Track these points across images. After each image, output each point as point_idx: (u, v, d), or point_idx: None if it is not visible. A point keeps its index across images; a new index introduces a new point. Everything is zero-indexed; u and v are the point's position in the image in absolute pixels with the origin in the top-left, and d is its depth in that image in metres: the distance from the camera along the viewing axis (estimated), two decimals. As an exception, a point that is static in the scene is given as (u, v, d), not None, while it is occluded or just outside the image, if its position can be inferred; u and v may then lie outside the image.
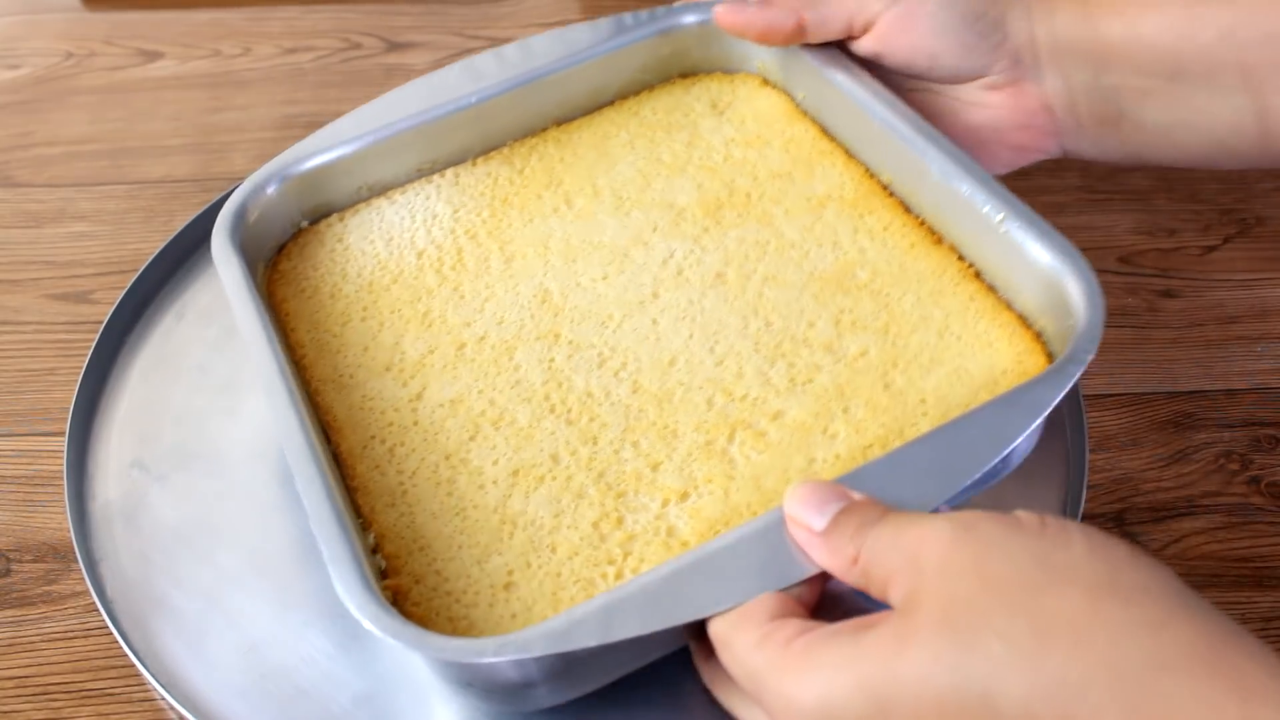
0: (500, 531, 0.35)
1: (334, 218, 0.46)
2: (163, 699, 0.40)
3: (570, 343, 0.40)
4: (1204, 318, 0.53)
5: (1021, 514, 0.29)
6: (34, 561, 0.46)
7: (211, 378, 0.49)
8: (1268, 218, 0.57)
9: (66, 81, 0.70)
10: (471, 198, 0.45)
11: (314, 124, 0.66)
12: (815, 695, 0.28)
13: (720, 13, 0.45)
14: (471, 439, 0.38)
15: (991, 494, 0.44)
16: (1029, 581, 0.27)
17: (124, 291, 0.51)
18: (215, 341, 0.50)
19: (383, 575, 0.35)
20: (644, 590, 0.31)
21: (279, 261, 0.45)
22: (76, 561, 0.43)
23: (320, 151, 0.45)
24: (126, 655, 0.41)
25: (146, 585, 0.43)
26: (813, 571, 0.31)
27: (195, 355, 0.50)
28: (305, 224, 0.46)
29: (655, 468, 0.36)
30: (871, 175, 0.44)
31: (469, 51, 0.72)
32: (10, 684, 0.43)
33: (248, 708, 0.39)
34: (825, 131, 0.46)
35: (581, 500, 0.36)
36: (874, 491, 0.32)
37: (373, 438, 0.38)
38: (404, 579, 0.35)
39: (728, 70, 0.49)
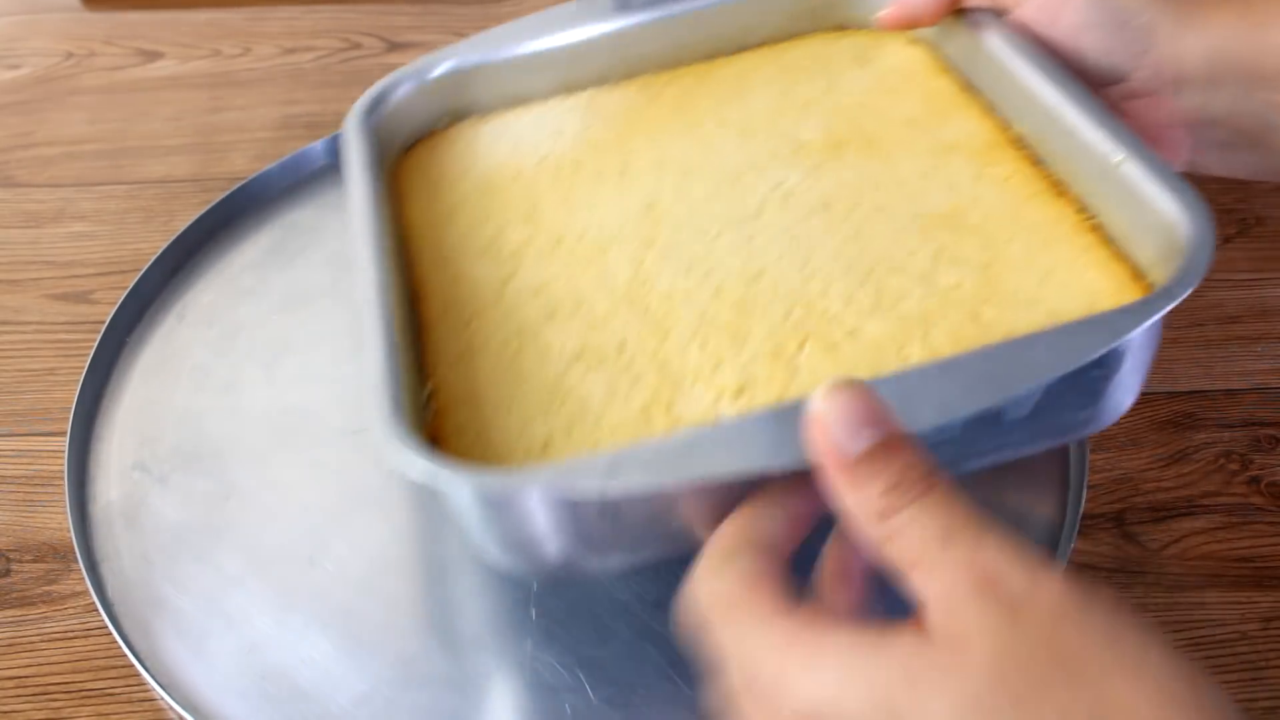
0: (551, 401, 0.36)
1: (468, 122, 0.47)
2: (162, 700, 0.40)
3: (664, 247, 0.40)
4: (1204, 318, 0.53)
5: (1102, 589, 0.27)
6: (34, 561, 0.46)
7: (213, 378, 0.49)
8: (1268, 218, 0.58)
9: (66, 81, 0.70)
10: (602, 117, 0.46)
11: (314, 124, 0.66)
12: (823, 694, 0.26)
13: (885, 19, 0.45)
14: (547, 320, 0.38)
15: (991, 493, 0.44)
16: (1101, 663, 0.25)
17: (126, 292, 0.51)
18: (216, 342, 0.50)
19: (430, 428, 0.35)
20: (658, 447, 0.31)
21: (408, 154, 0.46)
22: (76, 561, 0.43)
23: (466, 56, 0.46)
24: (126, 656, 0.41)
25: (147, 586, 0.43)
26: (827, 480, 0.29)
27: (197, 356, 0.50)
28: (440, 125, 0.47)
29: (717, 366, 0.36)
30: (1006, 128, 0.43)
31: (469, 51, 0.72)
32: (10, 684, 0.43)
33: (247, 708, 0.39)
34: (967, 86, 0.45)
35: (637, 384, 0.36)
36: (909, 393, 0.30)
37: (454, 307, 0.39)
38: (447, 425, 0.35)
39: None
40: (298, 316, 0.51)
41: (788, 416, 0.31)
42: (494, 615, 0.41)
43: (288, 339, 0.50)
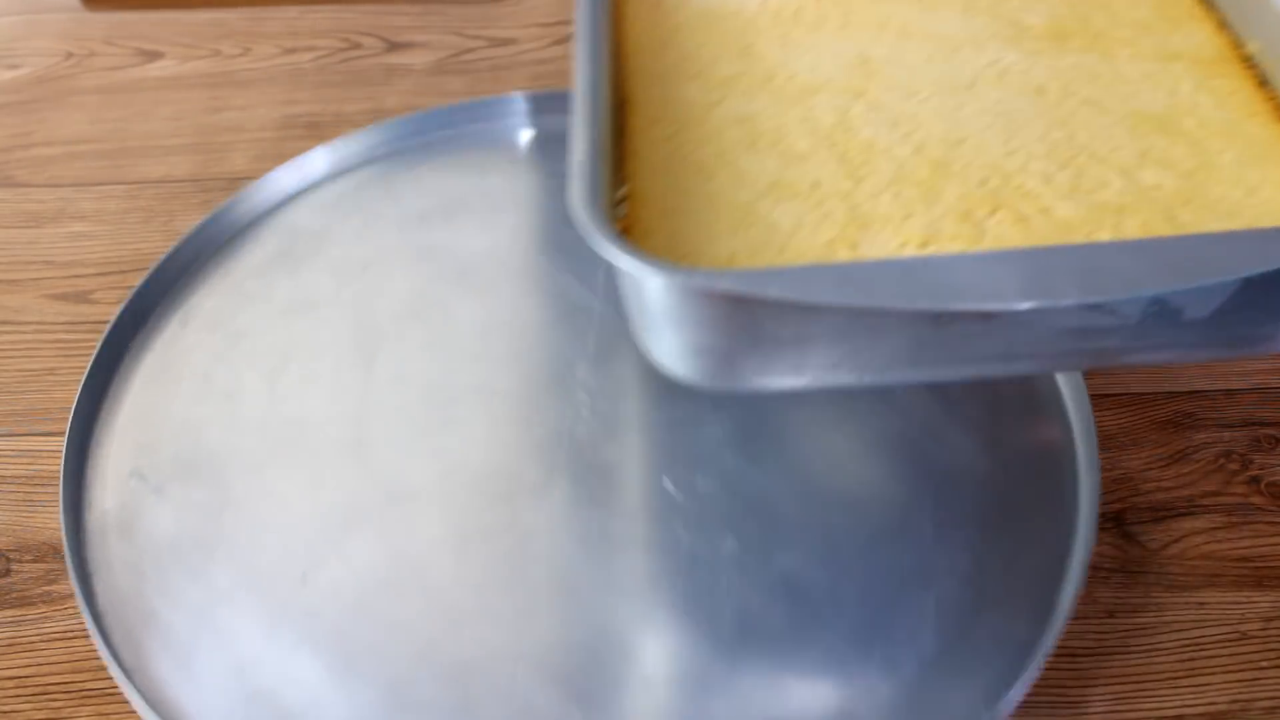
0: (740, 223, 0.36)
1: None
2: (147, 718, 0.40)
3: (871, 101, 0.41)
4: (1204, 318, 0.53)
5: None
6: (34, 561, 0.46)
7: (214, 386, 0.49)
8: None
9: (66, 81, 0.70)
10: None
11: (314, 124, 0.66)
12: None
13: None
14: (747, 149, 0.39)
15: (1001, 497, 0.44)
16: None
17: (130, 295, 0.51)
18: (219, 349, 0.50)
19: (620, 226, 0.36)
20: (851, 269, 0.32)
21: None
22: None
23: None
24: (113, 671, 0.40)
25: (138, 599, 0.42)
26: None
27: (199, 363, 0.50)
28: None
29: (907, 217, 0.36)
30: (1237, 46, 0.43)
31: (469, 51, 0.72)
32: (10, 684, 0.43)
33: None
34: (1206, 2, 0.45)
35: (825, 221, 0.36)
36: (1099, 263, 0.31)
37: (660, 122, 0.40)
38: (636, 228, 0.36)
39: None
40: (301, 324, 0.51)
41: (981, 263, 0.31)
42: (485, 642, 0.41)
43: (290, 347, 0.50)
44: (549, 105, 0.61)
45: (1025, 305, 0.30)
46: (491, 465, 0.46)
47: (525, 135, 0.61)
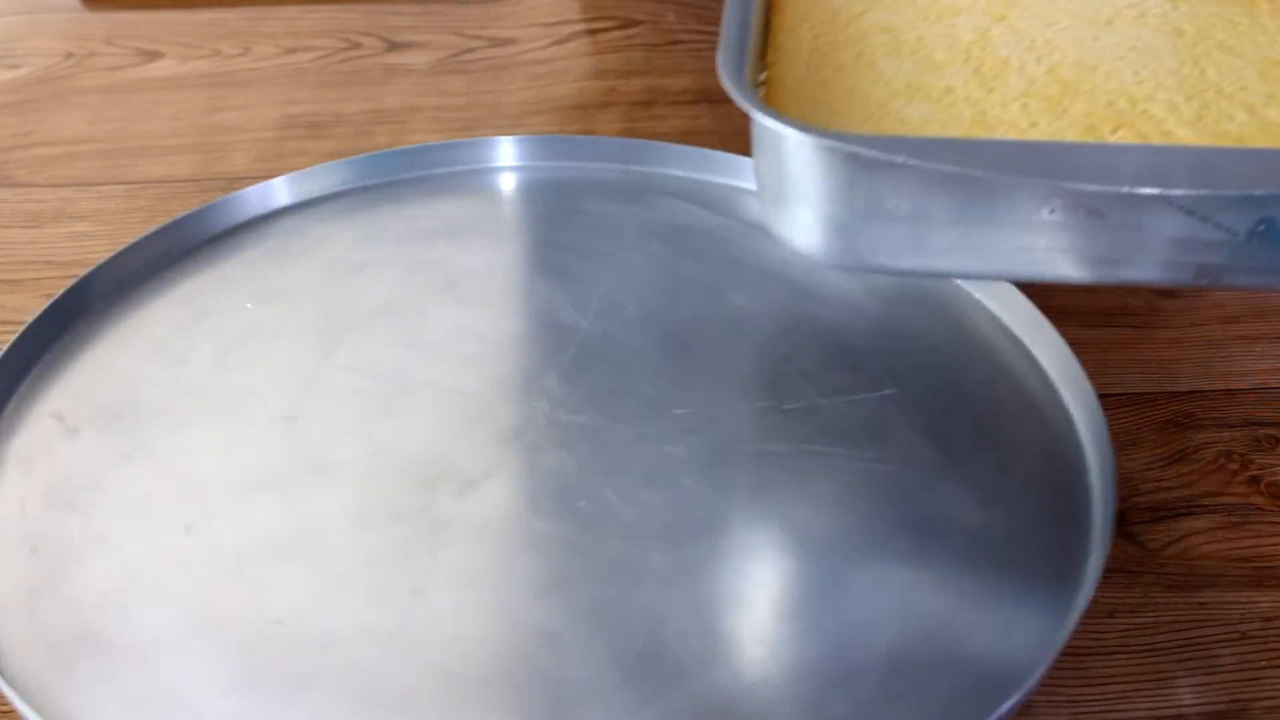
0: (871, 116, 0.39)
1: None
2: None
3: (1011, 25, 0.43)
4: (1204, 318, 0.53)
5: None
6: (34, 561, 0.46)
7: (166, 351, 0.48)
8: (1268, 217, 0.57)
9: (66, 81, 0.70)
10: None
11: (314, 124, 0.66)
12: None
13: None
14: (886, 56, 0.41)
15: (1004, 502, 0.44)
16: None
17: (103, 260, 0.51)
18: (183, 322, 0.50)
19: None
20: (973, 142, 0.35)
21: None
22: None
23: None
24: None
25: (11, 528, 0.41)
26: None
27: (158, 330, 0.50)
28: None
29: (1031, 125, 0.38)
30: None
31: (469, 51, 0.72)
32: (10, 684, 0.43)
33: (47, 664, 0.37)
34: None
35: (952, 122, 0.39)
36: (1214, 162, 0.33)
37: (805, 23, 0.43)
38: (774, 106, 0.38)
39: None
40: (273, 309, 0.51)
41: (1099, 150, 0.34)
42: (356, 614, 0.39)
43: (254, 327, 0.50)
44: (593, 151, 0.60)
45: (1139, 190, 0.32)
46: (426, 455, 0.44)
47: (560, 175, 0.59)
